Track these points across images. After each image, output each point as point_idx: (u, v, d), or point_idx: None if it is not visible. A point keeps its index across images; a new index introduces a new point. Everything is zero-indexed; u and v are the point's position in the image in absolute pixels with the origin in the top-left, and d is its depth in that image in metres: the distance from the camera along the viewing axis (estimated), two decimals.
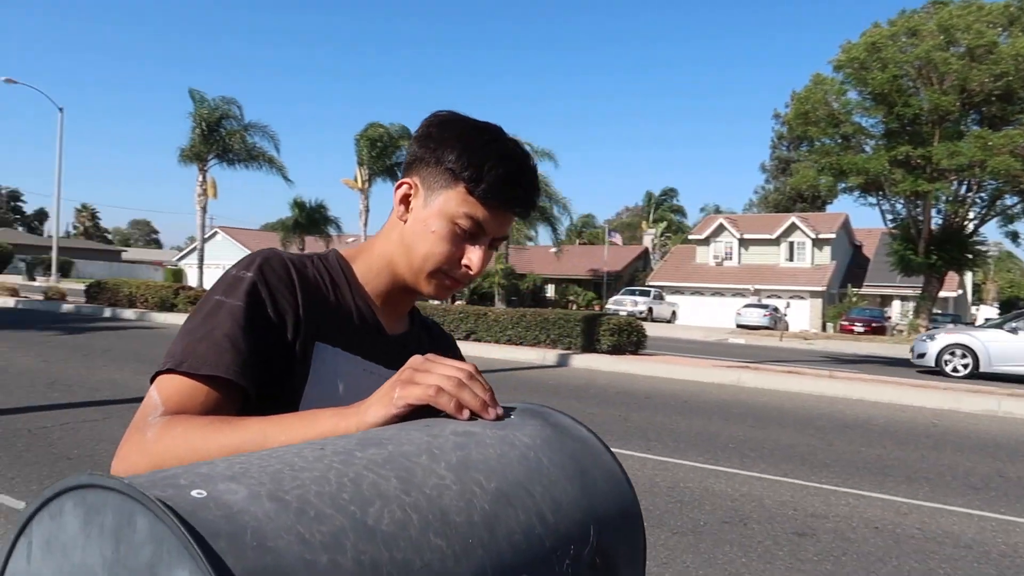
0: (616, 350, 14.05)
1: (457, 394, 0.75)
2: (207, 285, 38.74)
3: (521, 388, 10.06)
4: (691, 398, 10.08)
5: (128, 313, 18.69)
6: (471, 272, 1.03)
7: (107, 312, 19.06)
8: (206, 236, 47.42)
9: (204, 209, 37.89)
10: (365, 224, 35.78)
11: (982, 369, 14.51)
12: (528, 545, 0.60)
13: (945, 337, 15.41)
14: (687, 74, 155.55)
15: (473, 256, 1.02)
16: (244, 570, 0.44)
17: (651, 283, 43.46)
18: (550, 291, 46.81)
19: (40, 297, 21.83)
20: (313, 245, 41.92)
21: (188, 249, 50.68)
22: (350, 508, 0.52)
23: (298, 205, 40.04)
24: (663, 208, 62.76)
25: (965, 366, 14.69)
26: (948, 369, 14.85)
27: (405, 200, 1.05)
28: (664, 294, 41.40)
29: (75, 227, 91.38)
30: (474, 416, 0.75)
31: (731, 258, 44.25)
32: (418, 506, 0.56)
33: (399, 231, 1.05)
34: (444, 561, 0.54)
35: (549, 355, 13.61)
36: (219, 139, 35.55)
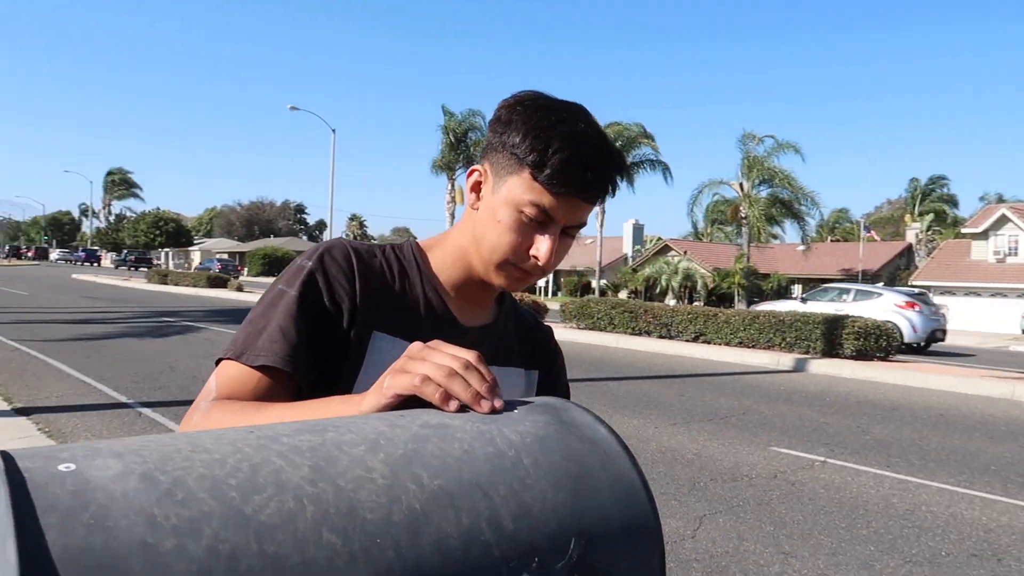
0: (861, 356, 12.84)
1: (446, 384, 0.69)
2: None
3: (750, 393, 9.53)
4: (948, 411, 8.90)
5: None
6: (539, 263, 0.96)
7: None
8: None
9: (452, 216, 40.93)
10: (601, 225, 36.33)
11: None
12: (465, 552, 0.52)
13: None
14: (958, 39, 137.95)
15: (542, 246, 0.95)
16: (65, 548, 0.41)
17: (915, 283, 39.09)
18: (796, 291, 44.00)
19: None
20: None
21: None
22: (230, 494, 0.48)
23: None
24: (931, 198, 56.25)
25: None
26: None
27: (476, 188, 1.01)
28: (930, 295, 37.09)
29: (346, 235, 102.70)
30: (466, 408, 0.68)
31: (1016, 254, 38.50)
32: (320, 498, 0.50)
33: (471, 220, 1.02)
34: (333, 560, 0.47)
35: (784, 359, 12.76)
36: (465, 149, 38.22)
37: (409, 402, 0.71)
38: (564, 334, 16.27)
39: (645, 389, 9.53)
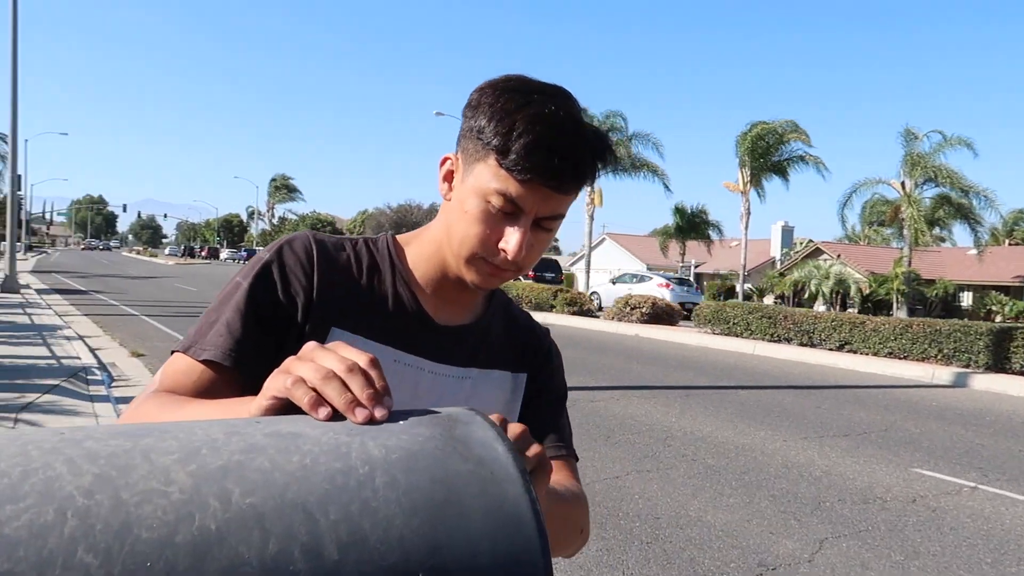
0: None
1: (320, 387, 0.61)
2: (594, 288, 41.65)
3: (896, 408, 8.80)
4: None
5: None
6: (508, 257, 0.89)
7: None
8: (594, 243, 50.92)
9: (591, 217, 40.68)
10: (746, 227, 34.79)
11: None
12: None
13: None
14: None
15: (511, 239, 0.88)
16: None
17: None
18: (966, 299, 40.33)
19: None
20: (695, 250, 42.06)
21: (578, 256, 54.52)
22: None
23: (679, 211, 40.49)
24: None
25: None
26: None
27: (448, 177, 0.95)
28: None
29: None
30: (341, 416, 0.60)
31: None
32: (89, 512, 0.44)
33: (445, 212, 0.96)
34: None
35: (940, 373, 11.68)
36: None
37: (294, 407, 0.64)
38: (696, 339, 15.74)
39: (778, 399, 9.02)
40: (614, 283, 28.41)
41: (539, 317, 19.38)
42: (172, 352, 0.90)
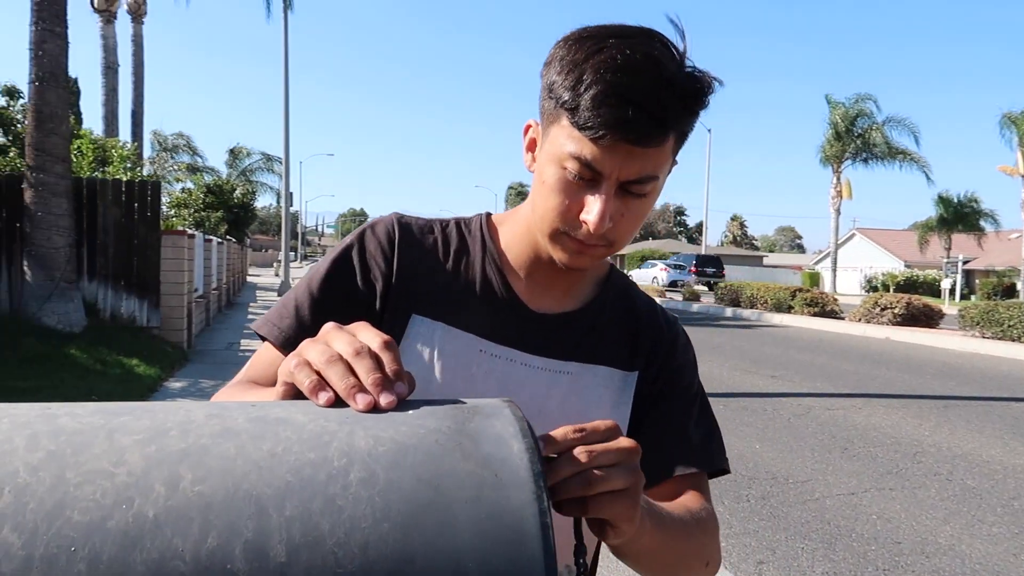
0: None
1: (323, 371, 0.57)
2: (840, 288, 38.54)
3: None
4: None
5: (747, 313, 19.71)
6: (591, 230, 0.78)
7: (728, 312, 20.46)
8: (842, 239, 47.16)
9: (838, 211, 37.71)
10: None
11: None
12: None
13: None
14: None
15: (592, 209, 0.78)
16: None
17: None
18: None
19: (679, 297, 24.72)
20: (963, 244, 37.47)
21: (824, 253, 50.76)
22: None
23: (943, 201, 36.34)
24: None
25: None
26: None
27: (532, 146, 0.86)
28: None
29: (726, 236, 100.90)
30: (343, 402, 0.55)
31: None
32: (26, 489, 0.44)
33: (532, 185, 0.87)
34: (3, 562, 0.41)
35: None
36: (853, 139, 35.02)
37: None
38: (961, 344, 13.89)
39: None
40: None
41: (776, 319, 18.27)
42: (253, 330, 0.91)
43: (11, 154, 9.77)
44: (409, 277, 0.89)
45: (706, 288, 34.65)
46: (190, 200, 20.00)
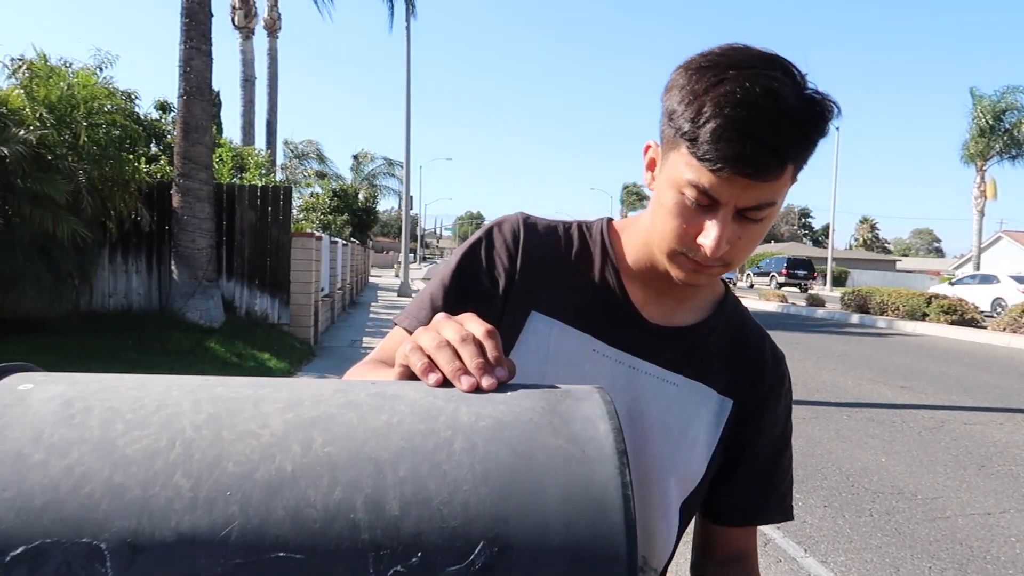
0: None
1: (433, 354, 0.64)
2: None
3: None
4: None
5: (879, 321, 18.68)
6: (707, 254, 0.81)
7: (855, 319, 19.45)
8: (987, 242, 43.84)
9: (981, 213, 35.14)
10: None
11: None
12: (325, 525, 0.49)
13: None
14: None
15: (709, 234, 0.80)
16: None
17: None
18: None
19: (802, 303, 23.72)
20: None
21: (965, 258, 47.35)
22: (116, 426, 0.54)
23: None
24: None
25: None
26: None
27: (651, 165, 0.89)
28: None
29: (854, 239, 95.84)
30: (450, 383, 0.62)
31: None
32: (192, 444, 0.53)
33: (652, 201, 0.90)
34: (172, 502, 0.50)
35: None
36: (999, 135, 32.58)
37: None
38: None
39: None
40: (952, 284, 25.17)
41: (910, 327, 17.23)
42: (393, 323, 0.98)
43: (161, 162, 10.61)
44: (530, 275, 0.94)
45: (797, 290, 33.70)
46: (318, 204, 21.06)
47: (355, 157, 45.42)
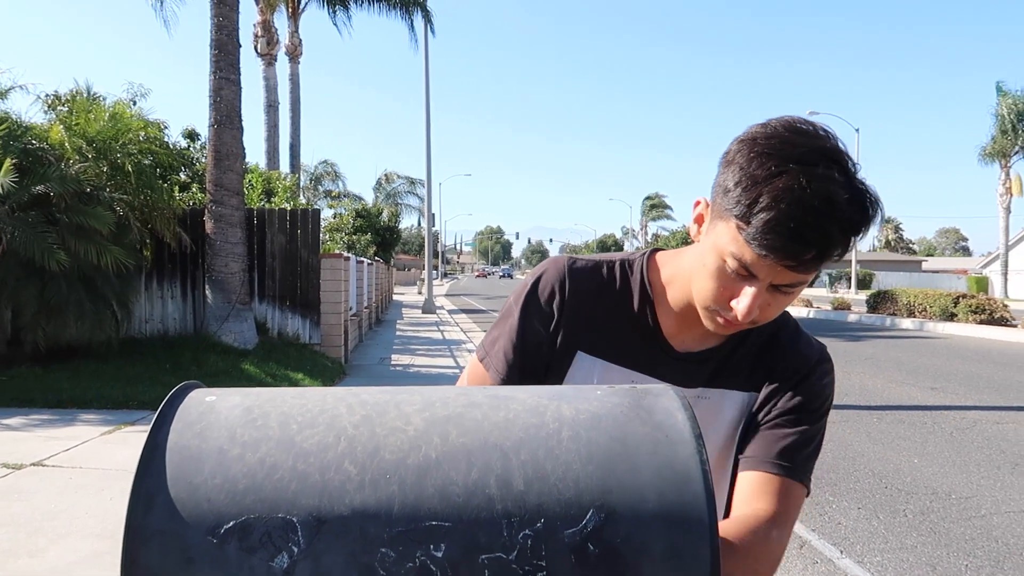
0: None
1: None
2: (1013, 294, 35.30)
3: None
4: None
5: (905, 323, 18.55)
6: (738, 318, 0.91)
7: (885, 321, 19.34)
8: (1014, 239, 43.21)
9: (1007, 210, 34.75)
10: None
11: None
12: (466, 500, 0.62)
13: None
14: None
15: (742, 301, 0.90)
16: (175, 443, 0.65)
17: None
18: None
19: (828, 307, 23.57)
20: None
21: (992, 256, 46.73)
22: (291, 426, 0.67)
23: None
24: None
25: None
26: None
27: (699, 220, 0.97)
28: None
29: (878, 240, 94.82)
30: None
31: None
32: (355, 439, 0.66)
33: (696, 249, 0.99)
34: (345, 484, 0.63)
35: None
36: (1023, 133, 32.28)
37: None
38: None
39: None
40: None
41: (938, 328, 17.08)
42: (475, 355, 1.11)
43: (193, 189, 10.89)
44: (574, 318, 1.05)
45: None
46: (342, 224, 21.35)
47: (379, 179, 46.19)
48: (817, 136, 0.86)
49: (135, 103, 9.38)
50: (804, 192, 0.81)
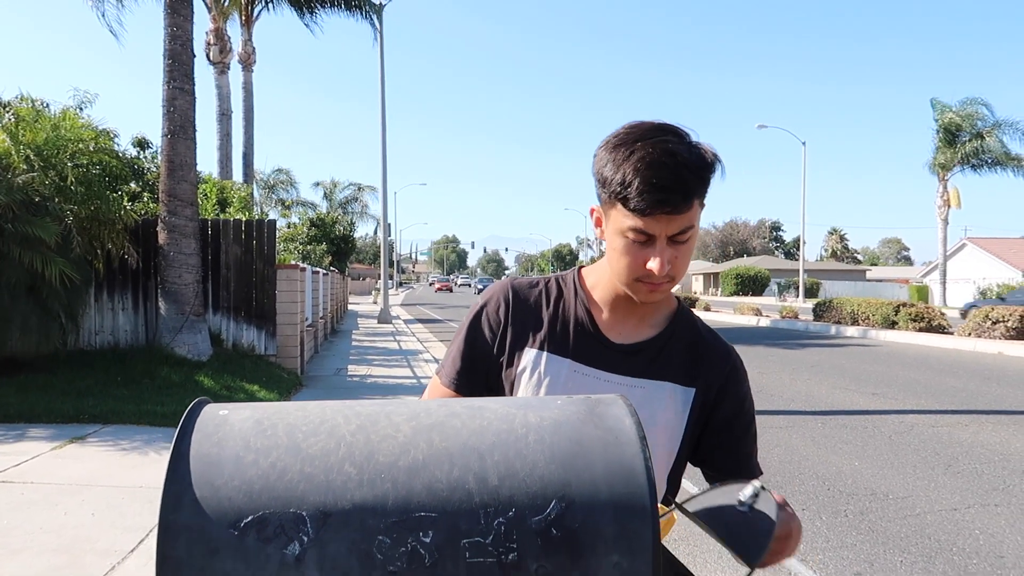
0: None
1: None
2: (951, 302, 36.75)
3: None
4: None
5: (850, 330, 19.17)
6: (657, 274, 1.10)
7: (831, 329, 19.93)
8: (952, 250, 44.92)
9: (945, 221, 36.05)
10: None
11: None
12: (450, 494, 0.73)
13: None
14: None
15: (654, 261, 1.10)
16: (197, 451, 0.75)
17: None
18: None
19: (778, 316, 24.19)
20: None
21: (932, 265, 48.45)
22: (297, 435, 0.77)
23: None
24: None
25: None
26: None
27: (599, 223, 1.19)
28: None
29: (824, 250, 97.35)
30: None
31: None
32: (352, 444, 0.76)
33: (607, 249, 1.20)
34: (346, 483, 0.74)
35: None
36: (962, 145, 33.57)
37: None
38: None
39: None
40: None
41: (880, 335, 17.69)
42: (436, 372, 1.27)
43: (144, 199, 10.74)
44: (519, 326, 1.23)
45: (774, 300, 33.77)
46: (296, 234, 21.19)
47: (319, 184, 45.82)
48: (653, 122, 1.10)
49: (82, 109, 9.22)
50: (652, 156, 1.05)
